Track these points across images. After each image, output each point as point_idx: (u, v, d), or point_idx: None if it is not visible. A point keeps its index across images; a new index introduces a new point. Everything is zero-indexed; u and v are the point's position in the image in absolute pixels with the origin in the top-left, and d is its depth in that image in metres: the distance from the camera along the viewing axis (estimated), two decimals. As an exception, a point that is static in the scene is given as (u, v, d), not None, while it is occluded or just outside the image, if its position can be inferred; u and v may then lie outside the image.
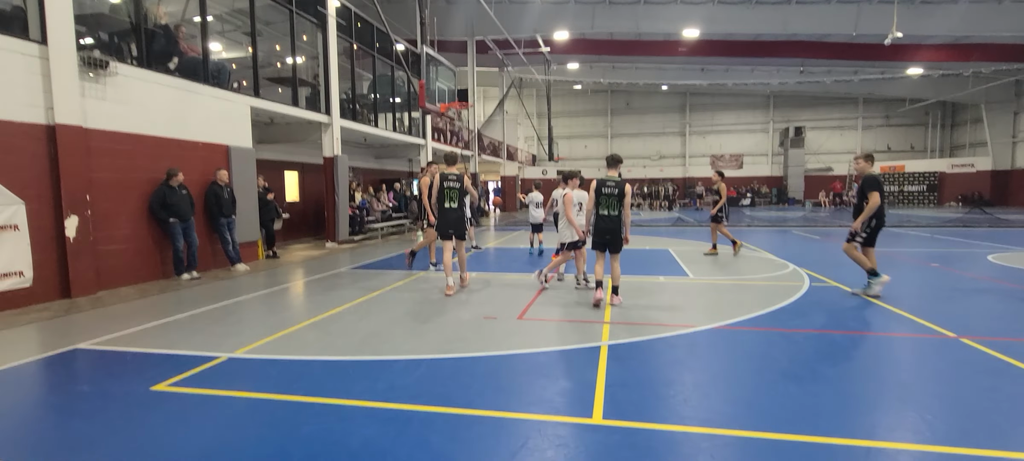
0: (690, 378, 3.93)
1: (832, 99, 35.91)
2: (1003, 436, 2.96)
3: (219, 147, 9.71)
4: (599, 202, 6.22)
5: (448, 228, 7.16)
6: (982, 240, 12.78)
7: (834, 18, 20.69)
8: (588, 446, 2.89)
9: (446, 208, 7.13)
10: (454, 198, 7.09)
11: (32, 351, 4.83)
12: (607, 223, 6.15)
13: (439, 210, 7.21)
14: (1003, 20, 19.52)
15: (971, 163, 31.62)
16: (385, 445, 2.90)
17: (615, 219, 6.14)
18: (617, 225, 6.16)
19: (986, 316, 5.70)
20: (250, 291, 7.56)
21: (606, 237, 6.19)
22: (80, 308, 6.51)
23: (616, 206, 6.12)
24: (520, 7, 21.92)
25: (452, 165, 7.24)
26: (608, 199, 6.15)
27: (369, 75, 16.31)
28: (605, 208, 6.17)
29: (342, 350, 4.68)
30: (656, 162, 38.68)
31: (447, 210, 7.13)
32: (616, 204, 6.12)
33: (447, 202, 7.10)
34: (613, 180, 6.17)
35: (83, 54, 7.15)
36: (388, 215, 16.37)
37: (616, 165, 6.37)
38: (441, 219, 7.21)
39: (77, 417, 3.38)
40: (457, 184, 7.08)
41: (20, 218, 6.49)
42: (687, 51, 25.59)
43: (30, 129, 6.68)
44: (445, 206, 7.12)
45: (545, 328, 5.37)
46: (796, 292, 6.85)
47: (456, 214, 7.13)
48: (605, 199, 6.16)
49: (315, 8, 12.49)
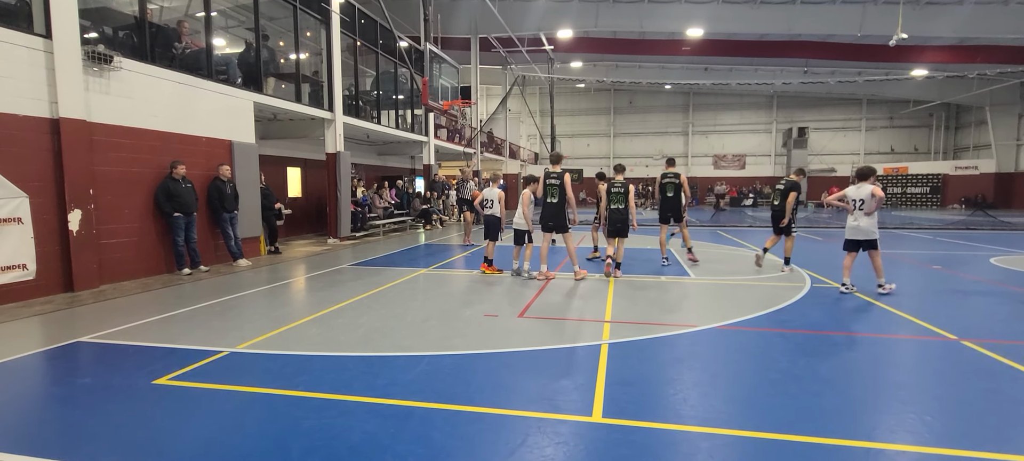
0: (690, 377, 3.93)
1: (836, 100, 35.83)
2: (1003, 438, 2.95)
3: (222, 142, 9.73)
4: (611, 199, 8.22)
5: (547, 220, 7.90)
6: (985, 243, 12.74)
7: (839, 19, 20.62)
8: (588, 444, 2.90)
9: (547, 202, 7.92)
10: (554, 193, 7.85)
11: (35, 344, 4.85)
12: (618, 215, 8.18)
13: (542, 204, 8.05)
14: (1009, 21, 19.43)
15: (975, 165, 31.53)
16: (385, 441, 2.91)
17: (623, 211, 8.15)
18: (625, 216, 8.15)
19: (987, 319, 5.69)
20: (252, 286, 7.59)
21: (617, 225, 8.17)
22: (82, 302, 6.54)
23: (623, 201, 8.14)
24: (524, 5, 21.89)
25: (556, 164, 8.02)
26: (616, 196, 8.19)
27: (372, 72, 16.32)
28: (615, 203, 8.19)
29: (343, 346, 4.69)
30: (659, 162, 38.63)
31: (547, 204, 7.91)
32: (623, 200, 8.14)
33: (548, 197, 7.89)
34: (619, 182, 8.23)
35: (87, 48, 7.17)
36: (390, 212, 16.39)
37: (622, 172, 8.62)
38: (541, 212, 8.03)
39: (79, 410, 3.39)
40: (557, 181, 7.83)
41: (24, 211, 6.52)
42: (691, 50, 25.55)
43: (34, 123, 6.70)
44: (546, 200, 7.91)
45: (545, 326, 5.38)
46: (797, 293, 6.84)
47: (554, 208, 7.85)
48: (614, 196, 8.19)
49: (319, 4, 12.49)
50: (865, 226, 6.80)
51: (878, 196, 6.65)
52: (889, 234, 15.33)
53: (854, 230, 6.89)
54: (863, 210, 6.79)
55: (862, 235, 6.83)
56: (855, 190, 6.89)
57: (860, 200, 6.80)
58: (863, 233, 6.82)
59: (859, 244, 6.86)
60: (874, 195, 6.65)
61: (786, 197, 8.44)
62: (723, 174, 37.90)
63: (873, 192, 6.67)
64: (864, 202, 6.76)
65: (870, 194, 6.69)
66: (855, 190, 6.89)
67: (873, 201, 6.67)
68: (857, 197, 6.83)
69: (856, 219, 6.86)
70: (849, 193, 6.96)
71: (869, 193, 6.70)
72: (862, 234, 6.83)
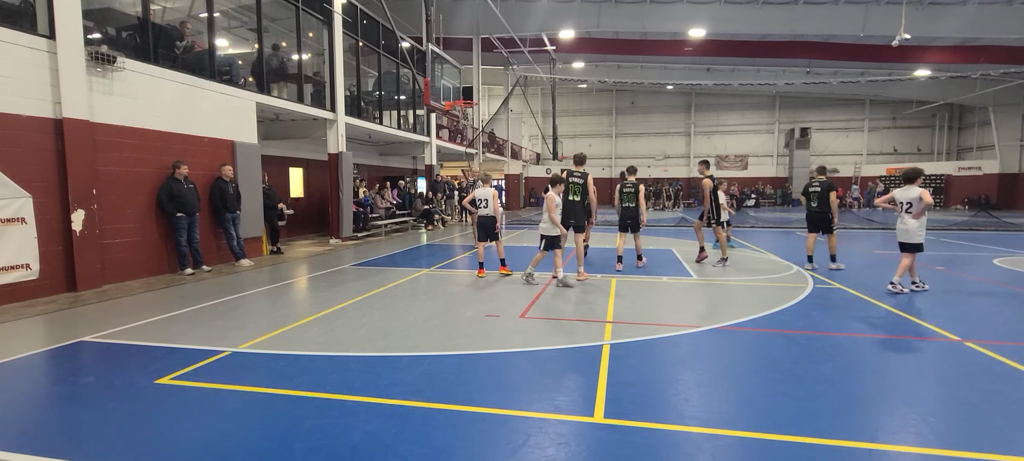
0: (692, 378, 3.92)
1: (838, 100, 35.72)
2: (1006, 440, 2.94)
3: (225, 142, 9.76)
4: (623, 198, 9.07)
5: (568, 218, 8.01)
6: (988, 244, 12.70)
7: (842, 19, 20.55)
8: (589, 445, 2.90)
9: (568, 200, 8.07)
10: (577, 192, 8.10)
11: (38, 343, 4.86)
12: (629, 212, 9.05)
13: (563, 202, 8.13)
14: (1012, 21, 19.34)
15: (978, 166, 31.41)
16: (387, 440, 2.92)
17: (634, 209, 8.99)
18: (636, 213, 8.98)
19: (991, 320, 5.67)
20: (254, 286, 7.60)
21: (628, 220, 9.04)
22: (85, 301, 6.56)
23: (634, 199, 8.99)
24: (526, 6, 21.89)
25: (580, 165, 8.39)
26: (628, 195, 9.05)
27: (374, 72, 16.33)
28: (627, 202, 9.05)
29: (345, 346, 4.70)
30: (660, 162, 38.61)
31: (568, 203, 8.07)
32: (634, 198, 9.00)
33: (570, 195, 8.07)
34: (631, 183, 9.09)
35: (91, 49, 7.19)
36: (392, 212, 16.40)
37: (633, 173, 9.39)
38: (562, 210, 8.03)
39: (82, 409, 3.40)
40: (581, 180, 8.15)
41: (27, 211, 6.54)
42: (693, 51, 25.50)
43: (38, 123, 6.72)
44: (568, 199, 8.08)
45: (547, 327, 5.38)
46: (800, 293, 6.83)
47: (575, 206, 8.05)
48: (626, 195, 9.06)
49: (321, 4, 12.51)
50: (909, 228, 6.81)
51: (925, 201, 6.63)
52: (892, 235, 15.28)
53: (901, 232, 6.93)
54: (910, 213, 6.80)
55: (904, 237, 6.87)
56: (902, 192, 6.90)
57: (907, 203, 6.81)
58: (905, 235, 6.85)
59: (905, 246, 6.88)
60: (921, 199, 6.65)
61: (826, 197, 8.74)
62: (725, 174, 37.82)
63: (921, 196, 6.66)
64: (912, 205, 6.77)
65: (917, 197, 6.69)
66: (902, 192, 6.90)
67: (920, 204, 6.67)
68: (904, 199, 6.84)
69: (903, 221, 6.88)
70: (896, 195, 6.97)
71: (917, 196, 6.70)
72: (904, 236, 6.87)
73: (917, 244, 6.79)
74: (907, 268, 6.86)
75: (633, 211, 8.99)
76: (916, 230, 6.77)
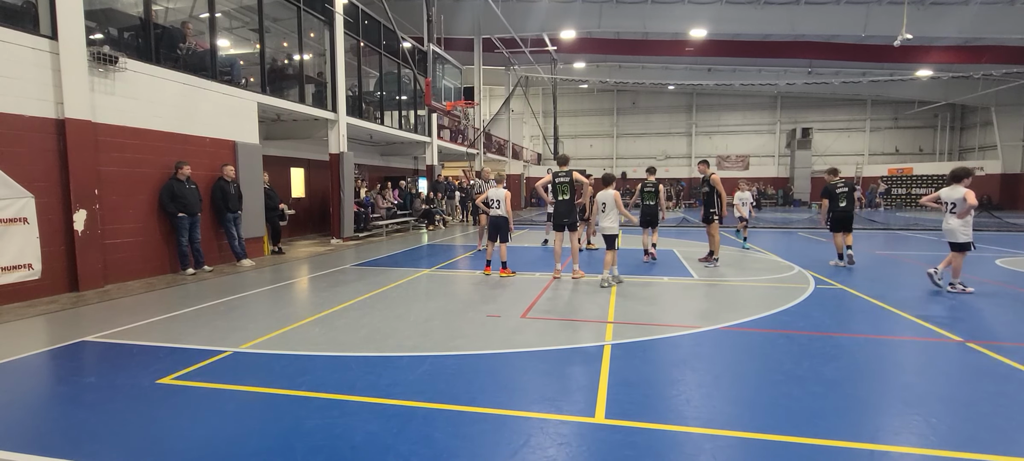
0: (693, 378, 3.92)
1: (840, 100, 35.68)
2: (1009, 441, 2.94)
3: (226, 142, 9.77)
4: (643, 196, 9.90)
5: (561, 217, 8.09)
6: (990, 244, 12.66)
7: (843, 19, 20.54)
8: (590, 445, 2.90)
9: (558, 200, 8.11)
10: (565, 191, 8.03)
11: (40, 343, 4.87)
12: (649, 209, 9.80)
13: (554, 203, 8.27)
14: (1014, 21, 19.31)
15: (980, 166, 31.32)
16: (388, 441, 2.92)
17: (654, 207, 9.78)
18: (655, 211, 9.79)
19: (993, 320, 5.66)
20: (255, 286, 7.61)
21: (647, 218, 9.79)
22: (87, 301, 6.57)
23: (653, 198, 9.80)
24: (527, 6, 21.89)
25: (563, 165, 8.27)
26: (649, 194, 9.86)
27: (375, 72, 16.34)
28: (647, 200, 9.85)
29: (346, 346, 4.70)
30: (662, 162, 38.58)
31: (558, 202, 8.12)
32: (653, 197, 9.81)
33: (559, 194, 8.07)
34: (651, 182, 9.94)
35: (93, 49, 7.20)
36: (393, 212, 16.41)
37: (653, 173, 10.22)
38: (555, 210, 8.26)
39: (83, 409, 3.41)
40: (566, 179, 8.07)
41: (29, 211, 6.55)
42: (694, 51, 25.49)
43: (40, 123, 6.74)
44: (557, 198, 8.11)
45: (549, 327, 5.37)
46: (801, 294, 6.82)
47: (565, 206, 8.03)
48: (647, 194, 9.87)
49: (322, 5, 12.52)
50: (952, 227, 6.84)
51: (969, 203, 6.62)
52: (894, 235, 15.27)
53: (946, 231, 6.97)
54: (955, 212, 6.81)
55: (949, 236, 6.91)
56: (949, 192, 6.91)
57: (952, 203, 6.82)
58: (950, 234, 6.89)
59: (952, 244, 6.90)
60: (965, 200, 6.64)
61: (853, 196, 9.24)
62: (726, 174, 37.78)
63: (965, 197, 6.66)
64: (956, 205, 6.78)
65: (962, 198, 6.69)
66: (949, 192, 6.91)
67: (965, 205, 6.67)
68: (950, 199, 6.86)
69: (946, 221, 6.92)
70: (943, 194, 6.98)
71: (961, 197, 6.70)
72: (949, 235, 6.91)
73: (962, 244, 6.80)
74: (956, 268, 6.86)
75: (652, 209, 9.76)
76: (959, 229, 6.79)
